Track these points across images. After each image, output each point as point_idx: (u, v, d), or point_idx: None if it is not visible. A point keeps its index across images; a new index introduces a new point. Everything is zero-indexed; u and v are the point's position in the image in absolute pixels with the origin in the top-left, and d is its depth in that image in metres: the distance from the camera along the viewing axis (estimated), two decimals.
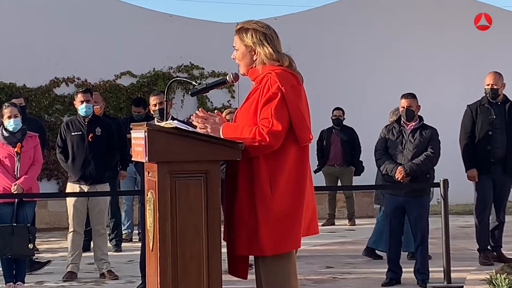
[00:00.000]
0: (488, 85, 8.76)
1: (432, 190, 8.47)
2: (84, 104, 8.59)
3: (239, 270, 4.47)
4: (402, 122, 7.97)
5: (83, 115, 8.61)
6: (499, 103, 8.77)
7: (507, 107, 8.76)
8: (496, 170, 8.71)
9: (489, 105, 8.75)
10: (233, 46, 4.53)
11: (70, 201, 8.56)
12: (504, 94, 8.87)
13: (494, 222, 8.88)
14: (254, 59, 4.48)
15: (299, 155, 4.37)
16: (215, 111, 4.69)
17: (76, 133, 8.60)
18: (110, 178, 9.39)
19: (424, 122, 7.98)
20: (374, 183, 9.36)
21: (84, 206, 8.54)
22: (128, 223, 11.45)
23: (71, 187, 8.62)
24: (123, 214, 11.31)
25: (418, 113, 7.99)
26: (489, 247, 8.84)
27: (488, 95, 8.75)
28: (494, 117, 8.69)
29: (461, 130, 8.89)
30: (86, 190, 8.50)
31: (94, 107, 9.31)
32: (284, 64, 4.45)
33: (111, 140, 8.78)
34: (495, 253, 8.83)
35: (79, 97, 8.65)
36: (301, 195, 4.37)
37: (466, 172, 8.80)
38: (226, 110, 8.98)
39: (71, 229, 8.54)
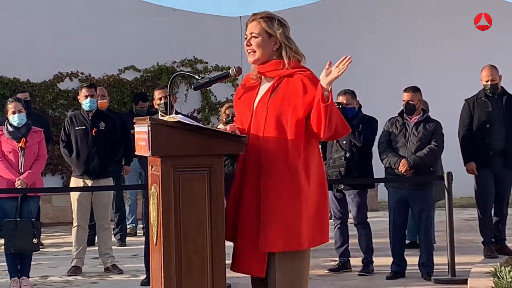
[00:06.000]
0: (487, 81, 8.74)
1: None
2: (89, 98, 8.59)
3: (255, 267, 4.34)
4: (405, 115, 7.97)
5: (87, 110, 8.61)
6: (496, 96, 8.76)
7: (505, 100, 8.75)
8: (496, 163, 8.70)
9: (486, 98, 8.74)
10: (251, 33, 4.43)
11: (74, 195, 8.57)
12: (501, 87, 8.85)
13: (497, 215, 8.87)
14: (273, 49, 4.42)
15: (318, 149, 4.46)
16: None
17: (80, 127, 8.61)
18: (114, 173, 9.40)
19: (428, 115, 7.97)
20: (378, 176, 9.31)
21: (88, 200, 8.55)
22: (133, 218, 11.46)
23: (75, 182, 8.63)
24: (127, 208, 11.33)
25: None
26: (493, 239, 8.83)
27: (488, 91, 8.73)
28: (492, 110, 8.68)
29: (459, 124, 8.88)
30: (90, 185, 8.51)
31: (102, 101, 9.30)
32: (301, 62, 4.47)
33: (115, 134, 8.78)
34: (499, 246, 8.82)
35: (84, 91, 8.65)
36: (326, 187, 4.45)
37: (464, 165, 8.80)
38: (226, 104, 8.95)
39: (75, 223, 8.56)
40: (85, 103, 8.60)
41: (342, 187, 8.14)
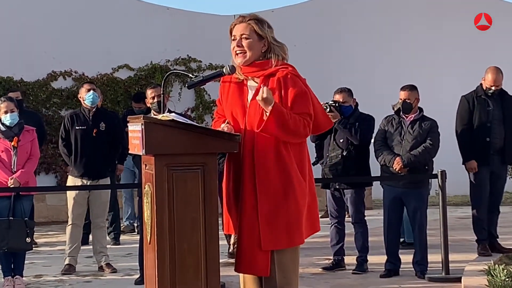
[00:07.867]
0: (492, 85, 8.69)
1: (430, 182, 8.46)
2: (91, 92, 8.59)
3: (260, 267, 4.34)
4: (401, 113, 7.97)
5: (90, 104, 8.58)
6: (495, 94, 8.76)
7: (504, 99, 8.77)
8: (494, 161, 8.71)
9: (486, 96, 8.74)
10: (241, 34, 4.49)
11: (71, 194, 8.56)
12: None
13: (492, 212, 8.86)
14: (262, 51, 4.49)
15: (305, 141, 4.54)
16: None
17: (80, 127, 8.58)
18: (109, 172, 9.39)
19: (424, 114, 7.97)
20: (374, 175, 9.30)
21: (85, 199, 8.54)
22: (129, 213, 11.45)
23: (73, 181, 8.59)
24: (124, 205, 11.32)
25: (418, 105, 8.00)
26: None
27: (490, 93, 8.69)
28: (492, 108, 8.68)
29: (457, 121, 8.87)
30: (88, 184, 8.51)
31: None
32: (285, 60, 4.53)
33: (114, 134, 8.78)
34: (492, 243, 8.79)
35: (86, 86, 8.71)
36: (313, 180, 4.53)
37: (464, 163, 8.79)
38: None
39: (70, 222, 8.54)
40: (88, 96, 8.57)
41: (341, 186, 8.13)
